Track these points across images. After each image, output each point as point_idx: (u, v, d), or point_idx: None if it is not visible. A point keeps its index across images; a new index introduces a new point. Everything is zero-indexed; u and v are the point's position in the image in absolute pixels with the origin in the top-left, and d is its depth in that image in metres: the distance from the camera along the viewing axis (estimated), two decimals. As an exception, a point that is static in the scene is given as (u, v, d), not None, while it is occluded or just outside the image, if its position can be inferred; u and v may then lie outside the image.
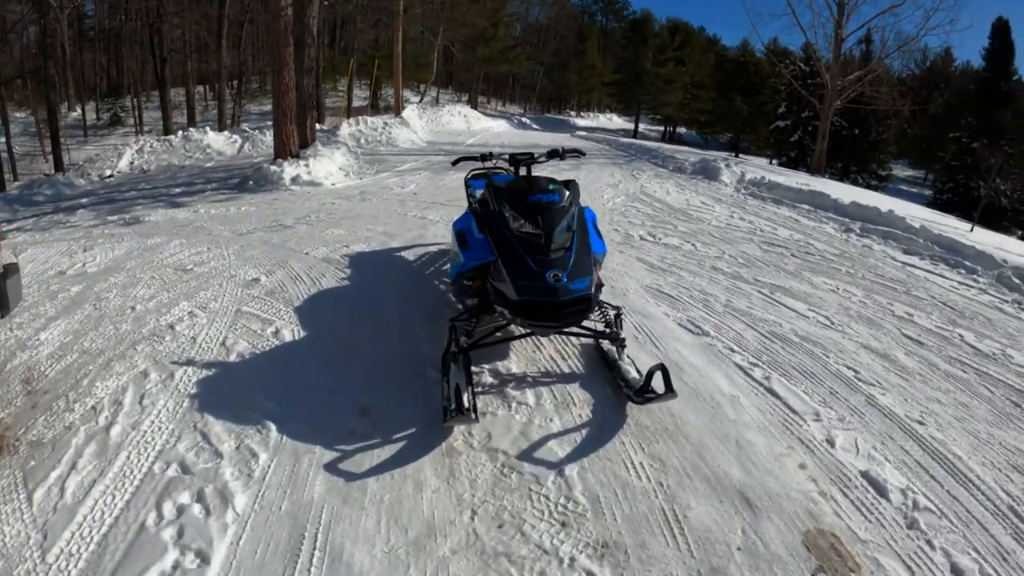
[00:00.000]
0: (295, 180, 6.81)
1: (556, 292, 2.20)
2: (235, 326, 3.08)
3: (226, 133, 9.89)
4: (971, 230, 7.52)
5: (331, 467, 2.05)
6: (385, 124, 11.21)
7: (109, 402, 2.40)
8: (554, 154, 2.94)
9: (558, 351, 2.82)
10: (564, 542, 1.76)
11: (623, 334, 2.68)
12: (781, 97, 24.59)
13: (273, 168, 7.17)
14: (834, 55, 13.98)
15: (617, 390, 2.50)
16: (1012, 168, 9.82)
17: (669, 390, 2.22)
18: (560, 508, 1.89)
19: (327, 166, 7.45)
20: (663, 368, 2.26)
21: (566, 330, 2.50)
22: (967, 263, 4.58)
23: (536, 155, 2.94)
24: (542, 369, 2.68)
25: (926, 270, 4.64)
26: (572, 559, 1.70)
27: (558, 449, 2.16)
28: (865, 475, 2.08)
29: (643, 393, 2.36)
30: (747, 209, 6.68)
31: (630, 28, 31.04)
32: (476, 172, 4.18)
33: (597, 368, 2.68)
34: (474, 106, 22.42)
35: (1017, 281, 4.04)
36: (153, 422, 2.27)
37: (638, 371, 2.53)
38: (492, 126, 16.28)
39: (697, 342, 3.06)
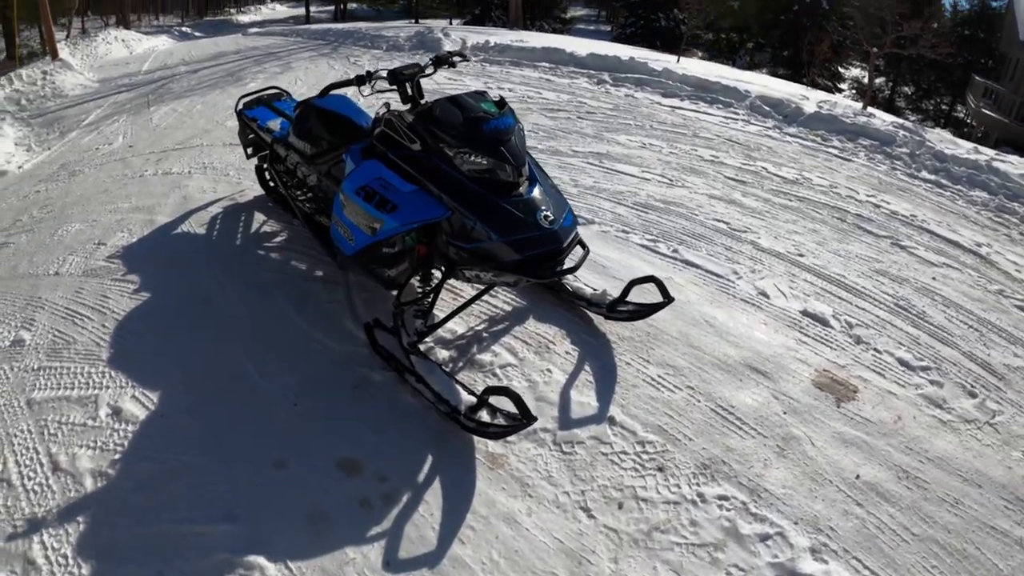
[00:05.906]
0: None
1: (558, 237, 1.87)
2: (37, 433, 1.99)
3: None
4: (677, 61, 8.97)
5: (396, 562, 1.60)
6: (45, 74, 8.51)
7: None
8: (441, 61, 2.42)
9: (478, 288, 2.50)
10: (679, 484, 1.78)
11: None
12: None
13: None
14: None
15: (575, 311, 2.46)
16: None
17: (667, 297, 2.25)
18: (644, 456, 1.87)
19: (2, 146, 5.48)
20: (655, 279, 2.29)
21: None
22: (721, 98, 5.50)
23: (423, 65, 2.36)
24: (484, 317, 2.44)
25: (693, 110, 5.43)
26: (700, 495, 1.75)
27: (583, 399, 2.08)
28: (805, 314, 2.54)
29: (616, 307, 2.37)
30: (496, 77, 6.61)
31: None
32: (250, 100, 3.43)
33: (538, 296, 2.55)
34: (127, 27, 18.77)
35: (767, 108, 5.05)
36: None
37: (588, 286, 2.52)
38: (156, 44, 14.01)
39: (589, 231, 3.09)
